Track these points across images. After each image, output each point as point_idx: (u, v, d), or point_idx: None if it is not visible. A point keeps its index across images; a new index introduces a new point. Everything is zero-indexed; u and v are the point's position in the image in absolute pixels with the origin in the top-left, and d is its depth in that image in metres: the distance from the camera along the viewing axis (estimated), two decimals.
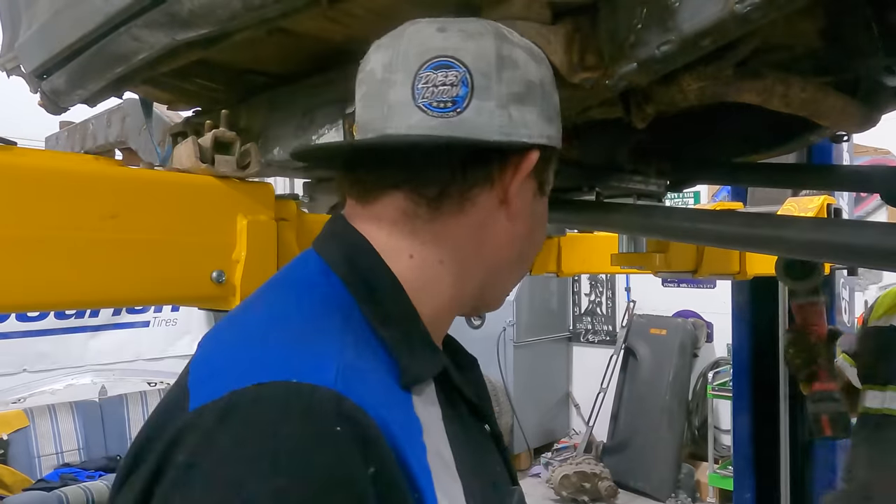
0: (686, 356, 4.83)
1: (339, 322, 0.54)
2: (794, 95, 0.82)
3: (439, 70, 0.58)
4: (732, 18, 0.64)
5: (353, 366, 0.50)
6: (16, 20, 1.25)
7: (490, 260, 0.63)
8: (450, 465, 0.54)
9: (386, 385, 0.52)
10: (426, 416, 0.54)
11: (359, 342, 0.53)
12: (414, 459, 0.49)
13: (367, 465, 0.45)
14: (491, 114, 0.58)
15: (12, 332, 3.91)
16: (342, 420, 0.45)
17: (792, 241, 0.73)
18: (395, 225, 0.60)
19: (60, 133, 1.96)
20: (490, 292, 0.67)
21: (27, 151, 0.63)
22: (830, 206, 2.05)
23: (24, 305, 0.64)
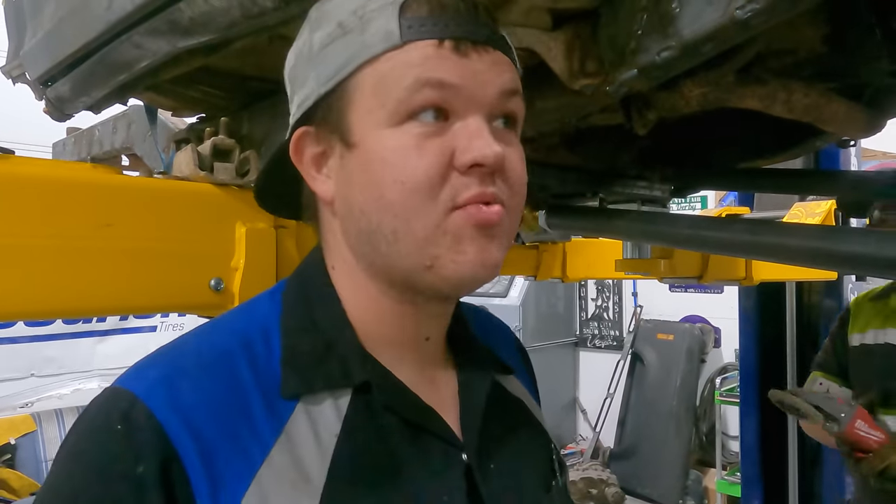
0: (694, 361, 4.80)
1: (211, 337, 0.56)
2: (797, 101, 0.81)
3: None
4: (733, 24, 0.64)
5: (175, 376, 0.52)
6: (21, 29, 1.26)
7: (354, 251, 0.58)
8: (309, 483, 0.51)
9: (237, 396, 0.52)
10: (302, 430, 0.52)
11: (229, 356, 0.54)
12: (222, 470, 0.49)
13: (135, 463, 0.48)
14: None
15: (20, 336, 3.94)
16: (126, 420, 0.49)
17: (795, 250, 0.73)
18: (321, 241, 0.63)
19: (67, 139, 1.97)
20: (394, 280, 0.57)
21: (24, 160, 0.63)
22: (838, 212, 2.03)
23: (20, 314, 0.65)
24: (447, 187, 0.53)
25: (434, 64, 0.52)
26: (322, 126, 0.56)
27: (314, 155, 0.57)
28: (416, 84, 0.52)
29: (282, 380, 0.53)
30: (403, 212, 0.52)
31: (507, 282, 5.26)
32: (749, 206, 2.57)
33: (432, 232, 0.53)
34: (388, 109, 0.52)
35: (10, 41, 1.35)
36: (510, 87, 0.55)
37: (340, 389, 0.55)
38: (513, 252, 1.96)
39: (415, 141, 0.52)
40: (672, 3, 0.68)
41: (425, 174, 0.52)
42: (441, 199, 0.52)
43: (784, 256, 0.77)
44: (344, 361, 0.56)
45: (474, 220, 0.53)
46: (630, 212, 1.22)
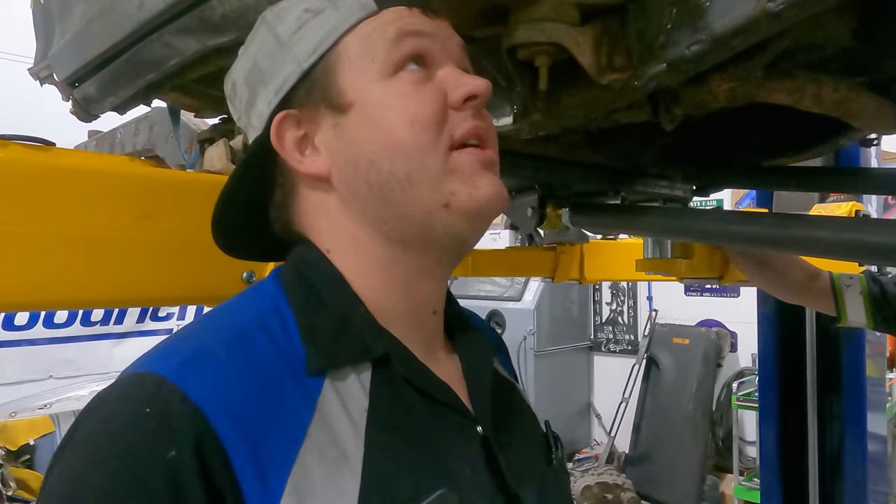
0: (710, 366, 4.76)
1: (233, 318, 0.56)
2: (827, 95, 0.81)
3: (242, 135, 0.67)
4: (765, 17, 0.64)
5: (203, 357, 0.50)
6: (49, 30, 1.28)
7: (359, 221, 0.59)
8: (349, 459, 0.51)
9: (267, 375, 0.51)
10: (333, 406, 0.52)
11: (252, 335, 0.53)
12: (262, 450, 0.48)
13: (168, 447, 0.45)
14: (247, 132, 0.63)
15: (39, 339, 3.98)
16: (155, 403, 0.47)
17: (827, 242, 0.72)
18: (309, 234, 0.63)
19: (89, 142, 2.00)
20: (406, 233, 0.59)
21: (65, 152, 0.64)
22: (859, 213, 2.02)
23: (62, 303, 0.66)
24: (447, 124, 0.57)
25: (409, 19, 0.59)
26: (305, 103, 0.59)
27: (297, 139, 0.59)
28: (399, 34, 0.58)
29: (307, 356, 0.53)
30: (416, 151, 0.56)
31: (520, 285, 5.25)
32: (767, 208, 2.56)
33: (443, 168, 0.57)
34: (378, 63, 0.57)
35: (38, 43, 1.38)
36: (462, 44, 0.62)
37: (361, 364, 0.55)
38: (530, 254, 1.96)
39: (412, 87, 0.57)
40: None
41: (431, 110, 0.57)
42: (443, 137, 0.57)
43: (815, 249, 0.76)
44: (360, 336, 0.56)
45: (480, 158, 0.58)
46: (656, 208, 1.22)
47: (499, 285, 5.27)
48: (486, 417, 0.61)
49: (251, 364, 0.51)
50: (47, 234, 0.62)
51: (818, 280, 1.39)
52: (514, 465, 0.61)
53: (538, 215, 1.25)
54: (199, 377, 0.49)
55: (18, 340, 3.94)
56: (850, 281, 1.37)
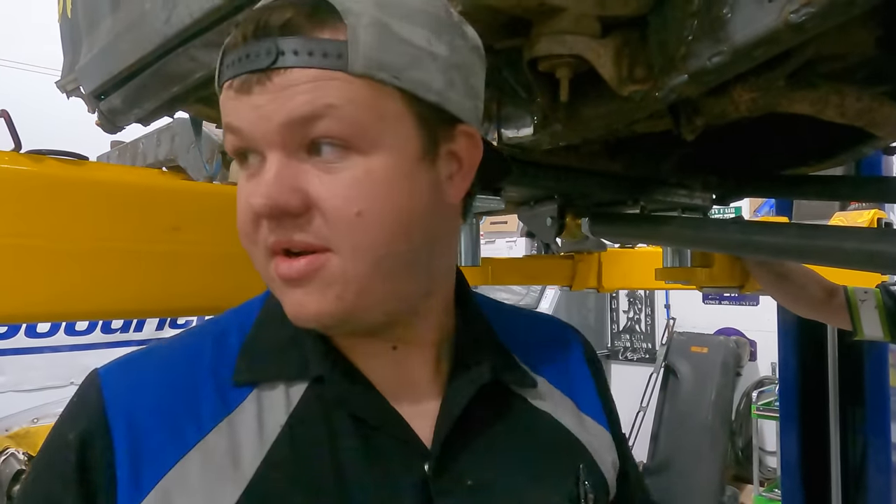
0: (729, 375, 4.71)
1: (202, 328, 0.60)
2: (850, 105, 0.80)
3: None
4: (787, 28, 0.63)
5: (138, 358, 0.58)
6: (77, 44, 1.31)
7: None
8: (238, 470, 0.51)
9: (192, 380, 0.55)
10: (246, 419, 0.53)
11: (203, 347, 0.57)
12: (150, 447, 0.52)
13: (71, 429, 0.53)
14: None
15: (60, 345, 4.04)
16: (81, 394, 0.55)
17: (852, 253, 0.72)
18: None
19: (111, 152, 2.03)
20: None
21: (98, 166, 0.66)
22: (881, 221, 1.99)
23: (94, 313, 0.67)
24: (261, 231, 0.50)
25: (228, 108, 0.50)
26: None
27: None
28: (226, 130, 0.51)
29: (235, 367, 0.56)
30: (249, 254, 0.54)
31: (537, 293, 5.24)
32: (787, 216, 2.54)
33: (267, 276, 0.53)
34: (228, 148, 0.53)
35: (66, 56, 1.41)
36: (303, 113, 0.47)
37: (297, 381, 0.55)
38: (547, 262, 1.95)
39: (241, 184, 0.52)
40: (723, 7, 0.69)
41: (242, 220, 0.51)
42: (259, 244, 0.51)
43: (840, 260, 0.76)
44: (303, 355, 0.56)
45: (284, 274, 0.50)
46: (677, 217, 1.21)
47: (515, 293, 5.26)
48: (435, 453, 0.55)
49: (174, 372, 0.56)
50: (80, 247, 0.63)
51: (835, 296, 1.39)
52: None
53: (558, 225, 1.25)
54: (120, 376, 0.56)
55: (41, 347, 3.99)
56: (865, 296, 1.37)
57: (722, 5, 0.68)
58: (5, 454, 3.26)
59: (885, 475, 2.54)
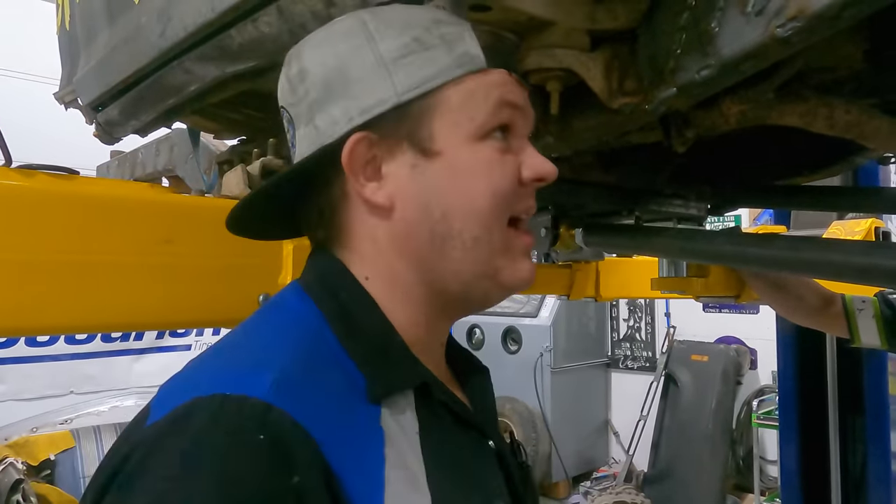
0: (729, 383, 4.70)
1: (296, 339, 0.55)
2: (839, 117, 0.81)
3: (285, 121, 0.63)
4: (774, 42, 0.64)
5: (292, 379, 0.50)
6: (74, 56, 1.32)
7: (405, 260, 0.59)
8: (417, 478, 0.53)
9: (341, 398, 0.52)
10: (395, 429, 0.54)
11: (318, 358, 0.54)
12: (356, 473, 0.49)
13: (290, 473, 0.45)
14: (304, 137, 0.60)
15: (60, 354, 4.04)
16: (267, 429, 0.46)
17: (840, 265, 0.72)
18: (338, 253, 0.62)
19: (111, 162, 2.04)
20: (447, 286, 0.60)
21: (88, 180, 0.67)
22: (878, 230, 1.99)
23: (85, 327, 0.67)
24: (514, 197, 0.60)
25: (509, 88, 0.60)
26: (387, 132, 0.58)
27: (365, 160, 0.58)
28: (501, 102, 0.59)
29: (367, 384, 0.54)
30: (489, 220, 0.58)
31: (537, 302, 5.23)
32: (785, 225, 2.54)
33: (501, 244, 0.59)
34: (476, 124, 0.58)
35: (64, 68, 1.42)
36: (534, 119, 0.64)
37: (407, 390, 0.57)
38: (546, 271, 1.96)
39: (498, 156, 0.59)
40: (711, 22, 0.69)
41: (510, 185, 0.59)
42: (509, 209, 0.60)
43: (829, 273, 0.76)
44: (400, 365, 0.58)
45: (527, 244, 0.62)
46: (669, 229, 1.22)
47: (515, 301, 5.26)
48: (494, 434, 0.65)
49: (330, 388, 0.52)
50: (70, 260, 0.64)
51: (832, 305, 1.39)
52: (513, 476, 0.66)
53: (552, 235, 1.26)
54: (299, 401, 0.49)
55: (40, 356, 3.99)
56: (863, 304, 1.37)
57: (710, 20, 0.69)
58: (4, 463, 3.25)
59: (885, 484, 2.53)
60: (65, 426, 3.73)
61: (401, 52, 0.57)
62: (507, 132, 0.60)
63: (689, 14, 0.71)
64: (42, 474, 3.51)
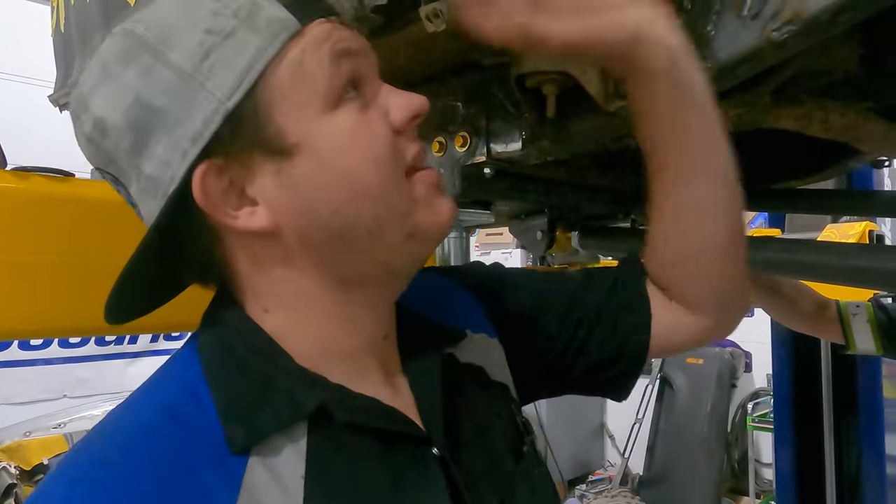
0: (724, 386, 4.71)
1: (143, 408, 0.50)
2: (834, 121, 0.81)
3: (107, 180, 0.55)
4: (769, 45, 0.64)
5: (96, 469, 0.45)
6: (69, 58, 1.31)
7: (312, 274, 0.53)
8: None
9: (180, 467, 0.46)
10: (261, 481, 0.47)
11: (161, 426, 0.48)
12: None
13: None
14: (142, 192, 0.51)
15: (54, 358, 4.02)
16: None
17: (835, 268, 0.72)
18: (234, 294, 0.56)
19: None
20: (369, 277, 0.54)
21: (83, 183, 0.66)
22: (872, 233, 2.01)
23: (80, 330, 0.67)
24: (398, 151, 0.52)
25: (338, 36, 0.51)
26: (229, 149, 0.49)
27: (221, 190, 0.49)
28: (335, 56, 0.50)
29: (226, 436, 0.48)
30: (383, 190, 0.51)
31: None
32: (780, 228, 2.55)
33: (407, 201, 0.53)
34: (321, 94, 0.50)
35: (58, 70, 1.41)
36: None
37: (294, 425, 0.50)
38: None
39: (359, 118, 0.51)
40: (707, 25, 0.69)
41: (387, 142, 0.51)
42: (400, 164, 0.52)
43: (824, 275, 0.76)
44: (288, 394, 0.50)
45: (432, 180, 0.54)
46: None
47: None
48: (439, 436, 0.56)
49: (155, 461, 0.46)
50: (66, 262, 0.63)
51: (827, 310, 1.40)
52: (475, 483, 0.56)
53: (548, 238, 1.26)
54: (94, 493, 0.44)
55: (33, 360, 3.97)
56: (857, 309, 1.38)
57: (706, 23, 0.69)
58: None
59: (880, 486, 2.54)
60: (58, 430, 3.71)
61: (198, 56, 0.48)
62: (358, 84, 0.52)
63: (685, 17, 0.71)
64: (35, 479, 3.49)
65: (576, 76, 0.77)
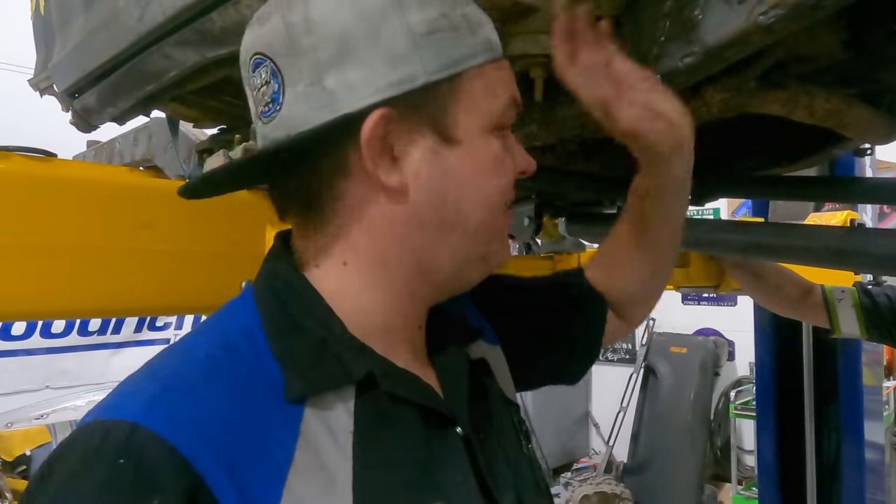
0: (707, 375, 4.76)
1: (204, 348, 0.53)
2: (819, 106, 0.82)
3: (256, 71, 0.55)
4: (756, 29, 0.65)
5: (175, 392, 0.48)
6: (49, 42, 1.29)
7: (401, 246, 0.57)
8: (336, 482, 0.50)
9: (246, 404, 0.49)
10: (317, 430, 0.51)
11: (225, 366, 0.51)
12: (248, 480, 0.47)
13: (150, 495, 0.43)
14: (305, 97, 0.53)
15: (36, 348, 3.97)
16: (128, 451, 0.45)
17: (821, 251, 0.73)
18: (299, 239, 0.60)
19: (87, 152, 2.00)
20: (441, 271, 0.59)
21: (66, 163, 0.65)
22: (854, 222, 2.03)
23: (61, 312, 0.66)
24: (511, 188, 0.62)
25: (515, 86, 0.61)
26: (409, 113, 0.54)
27: (381, 138, 0.53)
28: (512, 102, 0.60)
29: (285, 383, 0.51)
30: (493, 210, 0.59)
31: None
32: (763, 217, 2.57)
33: (499, 229, 0.61)
34: (492, 117, 0.58)
35: (39, 54, 1.39)
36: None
37: (344, 387, 0.54)
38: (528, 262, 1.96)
39: (503, 150, 0.60)
40: (695, 9, 0.70)
41: (511, 178, 0.61)
42: (506, 199, 0.62)
43: (810, 258, 0.77)
44: (340, 359, 0.54)
45: (509, 224, 0.64)
46: None
47: None
48: (464, 418, 0.60)
49: (228, 391, 0.49)
50: (47, 244, 0.62)
51: (811, 294, 1.42)
52: (491, 465, 0.61)
53: (535, 224, 1.26)
54: (172, 414, 0.47)
55: (15, 350, 3.92)
56: (842, 294, 1.40)
57: (693, 7, 0.69)
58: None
59: (859, 471, 2.58)
60: (40, 421, 3.68)
61: (429, 28, 0.53)
62: (505, 129, 0.61)
63: (672, 1, 0.71)
64: (17, 470, 3.47)
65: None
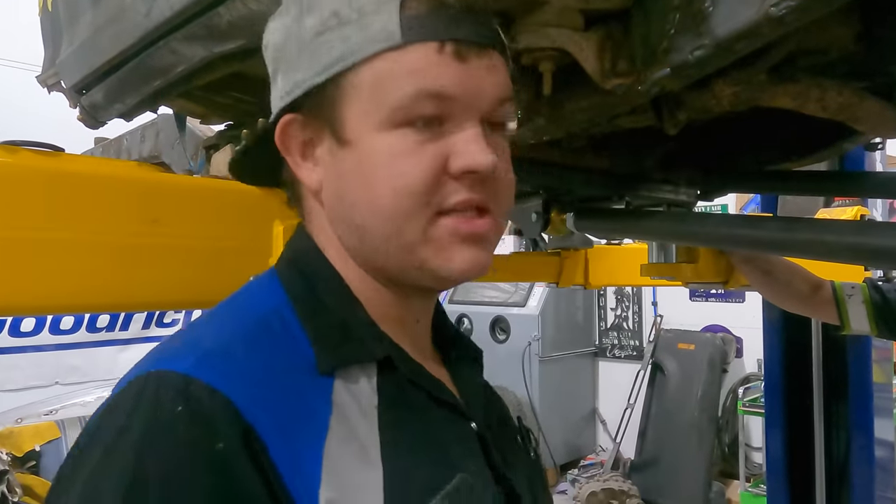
0: (715, 371, 4.75)
1: (241, 320, 0.55)
2: (831, 99, 0.81)
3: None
4: (767, 21, 0.64)
5: (220, 354, 0.50)
6: (57, 38, 1.29)
7: (344, 243, 0.59)
8: (367, 451, 0.52)
9: (284, 374, 0.52)
10: (347, 401, 0.53)
11: (263, 337, 0.53)
12: (292, 443, 0.48)
13: (213, 441, 0.45)
14: (273, 101, 0.60)
15: (45, 345, 4.00)
16: (185, 400, 0.46)
17: (833, 245, 0.72)
18: (308, 225, 0.63)
19: (95, 149, 2.01)
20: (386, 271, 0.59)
21: (74, 157, 0.65)
22: (864, 217, 2.01)
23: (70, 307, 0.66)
24: (440, 192, 0.54)
25: (435, 72, 0.52)
26: (311, 116, 0.57)
27: (300, 143, 0.58)
28: (418, 95, 0.52)
29: (316, 356, 0.53)
30: (395, 216, 0.54)
31: (525, 292, 5.24)
32: (772, 212, 2.55)
33: (420, 237, 0.54)
34: (384, 114, 0.53)
35: (46, 50, 1.39)
36: (505, 95, 0.57)
37: (367, 364, 0.56)
38: (535, 259, 1.96)
39: (411, 146, 0.53)
40: (705, 1, 0.69)
41: (421, 180, 0.53)
42: (430, 205, 0.54)
43: (821, 253, 0.76)
44: (362, 340, 0.57)
45: (463, 230, 0.55)
46: (660, 212, 1.21)
47: (503, 291, 5.26)
48: (478, 416, 0.62)
49: (269, 360, 0.52)
50: (56, 238, 0.63)
51: (821, 290, 1.41)
52: (503, 461, 0.63)
53: (542, 220, 1.26)
54: (224, 371, 0.48)
55: (24, 347, 3.95)
56: (852, 290, 1.39)
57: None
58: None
59: (869, 470, 2.57)
60: (50, 417, 3.70)
61: (317, 30, 0.54)
62: (441, 122, 0.54)
63: None
64: (27, 465, 3.49)
65: (573, 53, 0.77)
